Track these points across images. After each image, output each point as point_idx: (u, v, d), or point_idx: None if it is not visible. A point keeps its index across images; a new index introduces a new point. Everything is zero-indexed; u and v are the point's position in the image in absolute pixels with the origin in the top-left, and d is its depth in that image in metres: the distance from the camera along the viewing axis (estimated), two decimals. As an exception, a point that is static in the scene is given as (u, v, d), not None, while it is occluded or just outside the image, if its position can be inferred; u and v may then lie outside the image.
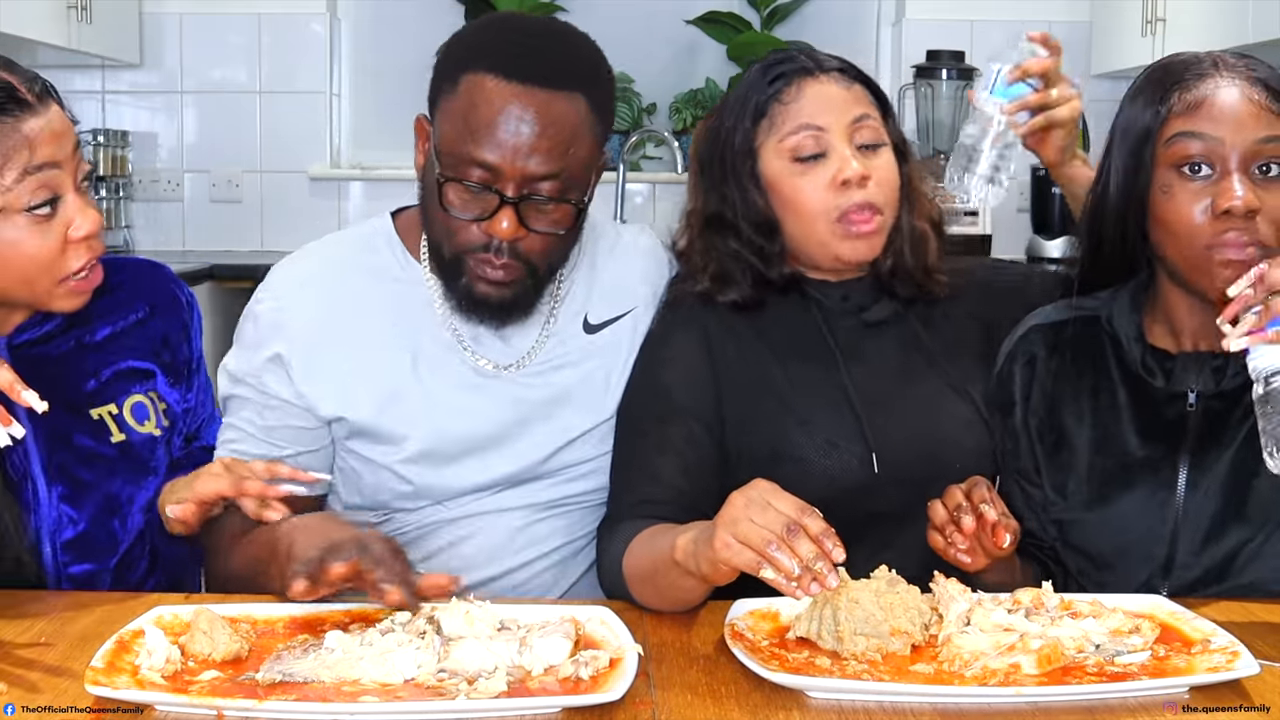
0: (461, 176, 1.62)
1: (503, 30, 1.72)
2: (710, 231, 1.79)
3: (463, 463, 1.75)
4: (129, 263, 1.84)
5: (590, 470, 1.80)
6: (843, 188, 1.69)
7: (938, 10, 4.51)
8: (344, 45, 4.64)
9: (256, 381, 1.74)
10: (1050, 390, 1.73)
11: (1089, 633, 1.40)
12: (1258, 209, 1.54)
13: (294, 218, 4.47)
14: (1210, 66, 1.59)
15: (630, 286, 1.85)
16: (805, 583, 1.33)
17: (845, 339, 1.78)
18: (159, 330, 1.79)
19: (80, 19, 3.89)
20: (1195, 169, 1.56)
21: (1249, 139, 1.54)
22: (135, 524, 1.72)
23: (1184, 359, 1.66)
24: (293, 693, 1.27)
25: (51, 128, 1.57)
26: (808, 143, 1.70)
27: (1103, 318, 1.72)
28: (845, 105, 1.72)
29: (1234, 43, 3.47)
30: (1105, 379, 1.71)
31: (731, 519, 1.36)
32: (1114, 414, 1.69)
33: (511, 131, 1.60)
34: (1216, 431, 1.64)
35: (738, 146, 1.74)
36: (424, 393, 1.74)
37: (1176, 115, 1.58)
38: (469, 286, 1.69)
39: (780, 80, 1.73)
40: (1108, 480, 1.68)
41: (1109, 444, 1.69)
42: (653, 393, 1.75)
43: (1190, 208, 1.57)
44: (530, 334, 1.79)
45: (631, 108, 4.53)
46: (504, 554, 1.78)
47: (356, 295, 1.76)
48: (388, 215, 1.84)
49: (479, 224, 1.64)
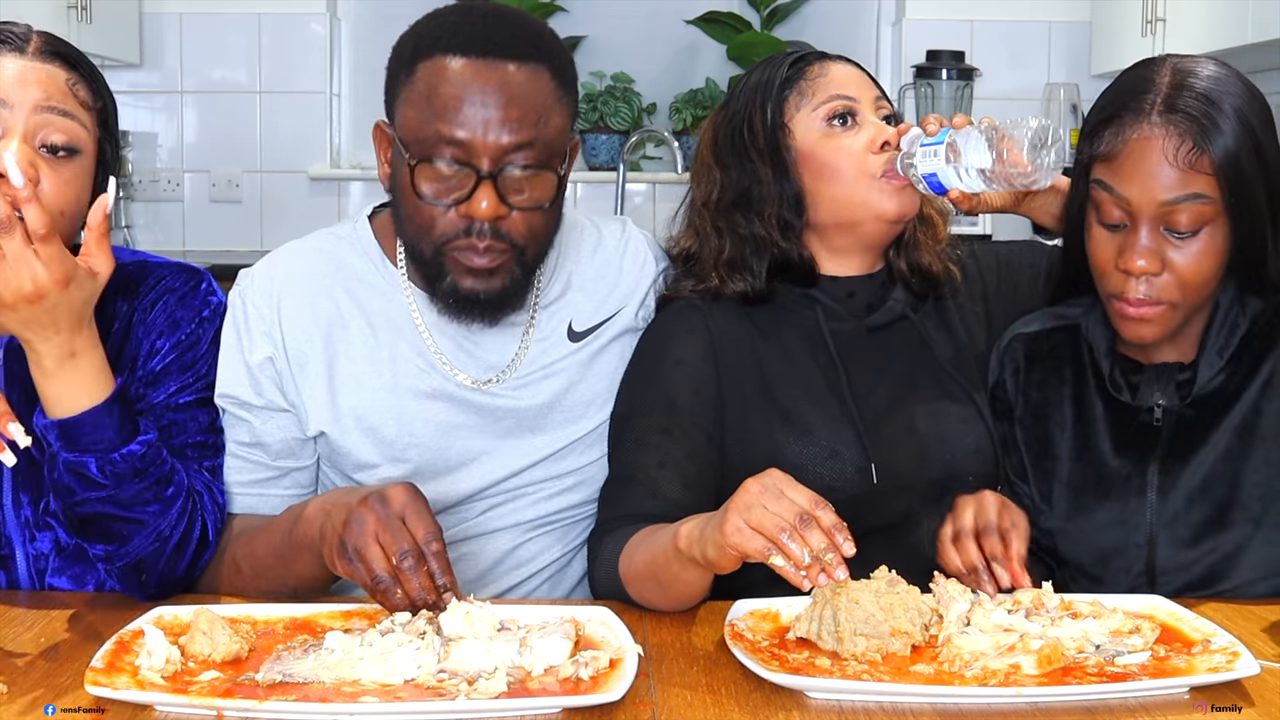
0: (433, 156, 1.57)
1: (451, 15, 1.66)
2: (731, 213, 1.77)
3: (445, 479, 1.72)
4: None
5: (577, 483, 1.77)
6: (882, 150, 1.72)
7: (938, 10, 4.51)
8: (344, 45, 4.64)
9: (250, 388, 1.70)
10: (1035, 399, 1.75)
11: (1089, 633, 1.40)
12: (1156, 272, 1.55)
13: (294, 218, 4.46)
14: (1150, 103, 1.55)
15: (616, 288, 1.82)
16: (814, 573, 1.34)
17: (848, 344, 1.77)
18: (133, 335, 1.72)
19: (80, 19, 3.88)
20: (1109, 219, 1.58)
21: (1160, 199, 1.54)
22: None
23: (1150, 372, 1.67)
24: (293, 693, 1.27)
25: (25, 74, 1.53)
26: (843, 107, 1.74)
27: (1082, 327, 1.74)
28: (866, 83, 1.78)
29: (1234, 43, 3.47)
30: (1083, 389, 1.73)
31: (745, 504, 1.37)
32: (1091, 424, 1.71)
33: (478, 104, 1.55)
34: (1185, 442, 1.65)
35: (767, 122, 1.76)
36: (400, 412, 1.70)
37: (1100, 160, 1.58)
38: (454, 285, 1.62)
39: (801, 62, 1.78)
40: (1084, 490, 1.70)
41: (1086, 454, 1.70)
42: (655, 402, 1.72)
43: (1102, 252, 1.60)
44: (510, 344, 1.75)
45: (631, 108, 4.52)
46: (496, 575, 1.76)
47: (337, 303, 1.73)
48: (365, 217, 1.79)
49: (457, 208, 1.58)
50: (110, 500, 1.52)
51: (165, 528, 1.56)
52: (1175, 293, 1.57)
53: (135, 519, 1.54)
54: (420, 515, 1.43)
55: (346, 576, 1.45)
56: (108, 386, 1.51)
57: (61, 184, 1.54)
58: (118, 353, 1.66)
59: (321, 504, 1.54)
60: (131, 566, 1.56)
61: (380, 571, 1.40)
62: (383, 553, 1.41)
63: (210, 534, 1.62)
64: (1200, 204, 1.53)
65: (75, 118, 1.57)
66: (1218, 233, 1.55)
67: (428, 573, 1.41)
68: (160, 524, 1.55)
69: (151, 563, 1.57)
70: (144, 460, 1.52)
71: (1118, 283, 1.59)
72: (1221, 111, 1.53)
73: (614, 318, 1.80)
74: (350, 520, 1.43)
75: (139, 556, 1.55)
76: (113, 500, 1.52)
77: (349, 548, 1.42)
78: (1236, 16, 3.51)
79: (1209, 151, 1.52)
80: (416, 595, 1.40)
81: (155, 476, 1.54)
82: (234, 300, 1.73)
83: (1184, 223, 1.54)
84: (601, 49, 4.51)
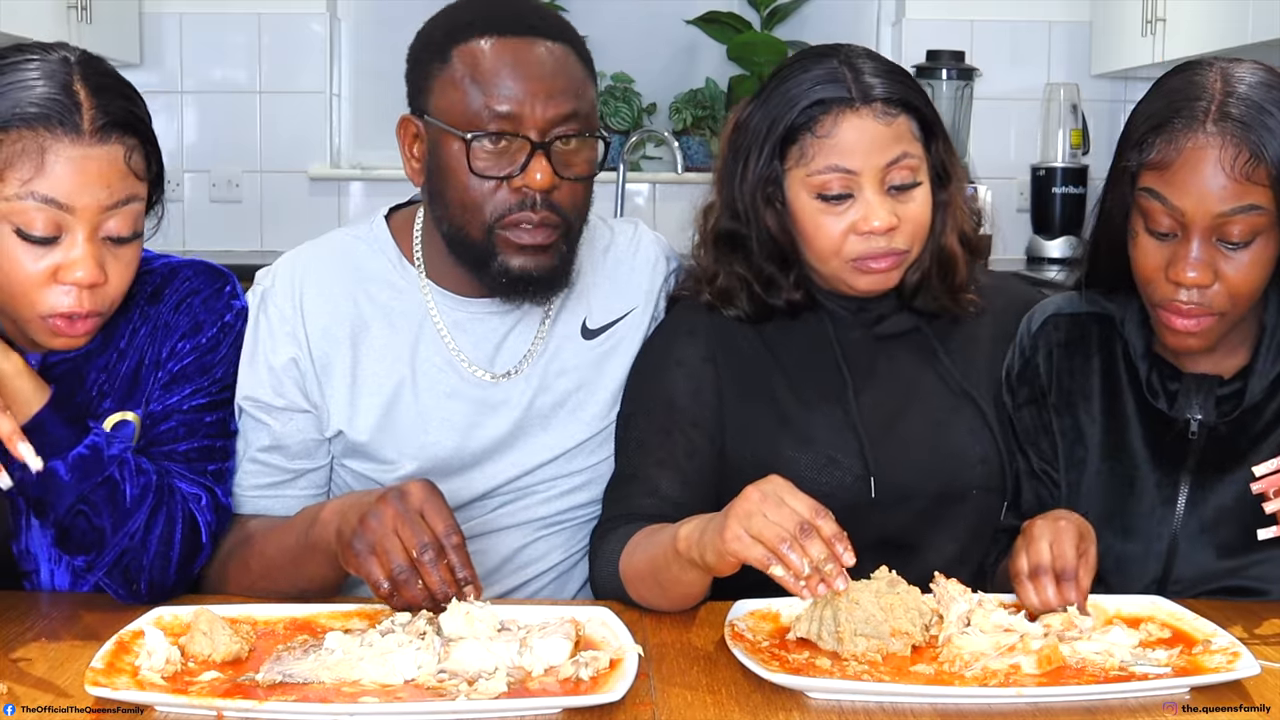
0: (484, 132, 1.59)
1: (474, 3, 1.69)
2: (722, 247, 1.75)
3: (460, 476, 1.73)
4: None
5: (586, 481, 1.77)
6: (865, 235, 1.64)
7: (938, 10, 4.51)
8: (344, 45, 4.64)
9: (272, 390, 1.70)
10: (1067, 385, 1.71)
11: (1112, 647, 1.38)
12: (1208, 285, 1.52)
13: (294, 218, 4.46)
14: (1204, 111, 1.51)
15: (628, 287, 1.83)
16: (813, 584, 1.34)
17: (856, 352, 1.74)
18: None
19: (80, 19, 3.88)
20: (1159, 227, 1.54)
21: (1214, 211, 1.50)
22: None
23: (1189, 383, 1.64)
24: (293, 693, 1.27)
25: (85, 167, 1.47)
26: (835, 184, 1.63)
27: (1117, 320, 1.70)
28: (882, 145, 1.63)
29: (1234, 43, 3.46)
30: (1116, 384, 1.69)
31: (745, 512, 1.36)
32: (1123, 421, 1.68)
33: (523, 78, 1.59)
34: (1219, 458, 1.62)
35: (762, 170, 1.68)
36: (419, 410, 1.71)
37: (1151, 168, 1.54)
38: (505, 265, 1.64)
39: (818, 108, 1.63)
40: (1114, 491, 1.67)
41: (1119, 452, 1.67)
42: (656, 401, 1.72)
43: (1150, 261, 1.56)
44: (526, 341, 1.76)
45: (631, 108, 4.52)
46: (504, 573, 1.76)
47: (357, 303, 1.73)
48: (381, 217, 1.80)
49: (509, 183, 1.61)
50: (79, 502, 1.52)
51: (136, 528, 1.55)
52: (1225, 303, 1.54)
53: (99, 524, 1.53)
54: (439, 510, 1.44)
55: (361, 574, 1.45)
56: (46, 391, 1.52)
57: (123, 268, 1.55)
58: (142, 357, 1.65)
59: (338, 505, 1.54)
60: (116, 570, 1.55)
61: (400, 562, 1.41)
62: (402, 546, 1.41)
63: (204, 536, 1.61)
64: (1255, 215, 1.50)
65: (136, 199, 1.54)
66: (1270, 242, 1.52)
67: (448, 566, 1.41)
68: (129, 524, 1.54)
69: (135, 566, 1.55)
70: (90, 461, 1.52)
71: (1167, 292, 1.55)
72: (1275, 118, 1.50)
73: (626, 317, 1.81)
74: (369, 515, 1.44)
75: (115, 557, 1.54)
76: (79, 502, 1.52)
77: (367, 542, 1.43)
78: (1236, 16, 3.51)
79: (1266, 161, 1.48)
80: (437, 588, 1.41)
81: (102, 478, 1.53)
82: (254, 301, 1.73)
83: (1237, 234, 1.51)
84: (601, 49, 4.48)
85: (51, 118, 1.46)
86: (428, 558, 1.41)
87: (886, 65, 1.69)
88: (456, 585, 1.41)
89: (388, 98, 4.86)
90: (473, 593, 1.41)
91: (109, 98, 1.51)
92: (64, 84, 1.49)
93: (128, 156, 1.52)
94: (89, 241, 1.49)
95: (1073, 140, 4.35)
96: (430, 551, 1.41)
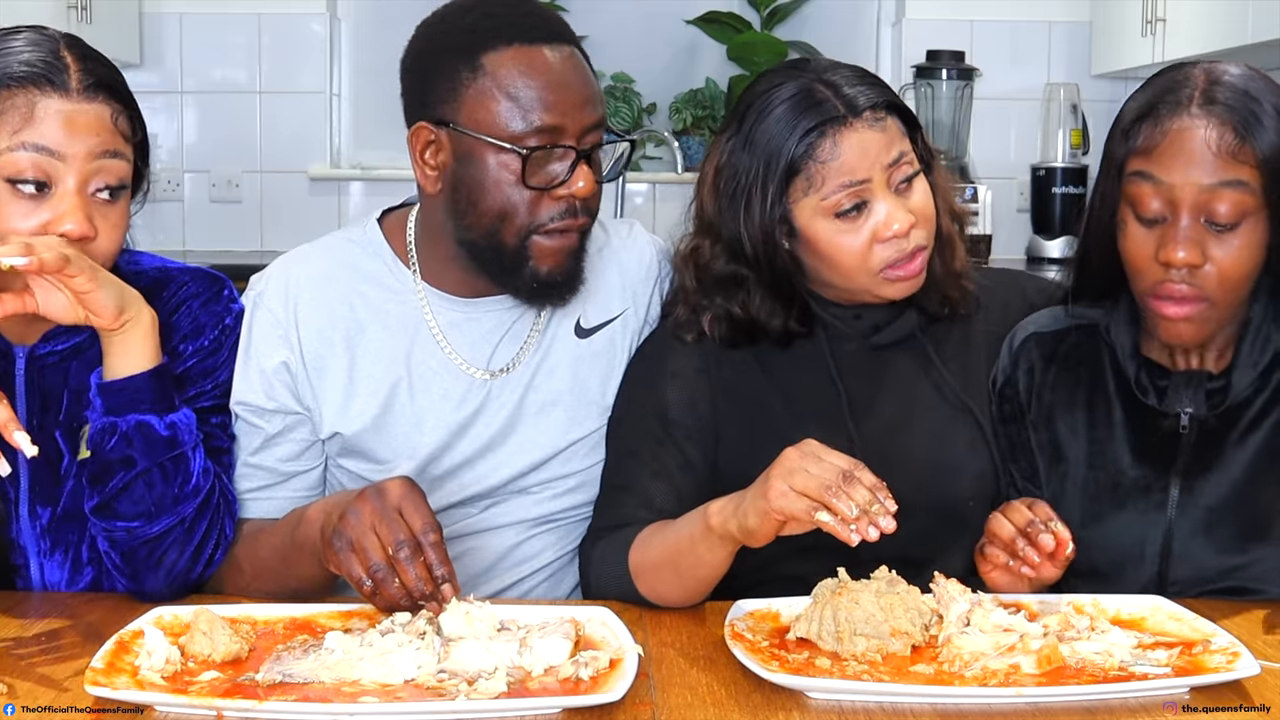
0: (535, 145, 1.59)
1: (491, 6, 1.67)
2: (717, 290, 1.71)
3: (454, 476, 1.73)
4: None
5: (580, 483, 1.78)
6: (888, 241, 1.63)
7: (938, 10, 4.50)
8: (344, 45, 4.63)
9: (264, 393, 1.70)
10: (1048, 401, 1.72)
11: (1112, 647, 1.38)
12: (1199, 265, 1.52)
13: (294, 218, 4.46)
14: (1188, 97, 1.53)
15: (621, 288, 1.83)
16: (863, 526, 1.37)
17: (851, 365, 1.74)
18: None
19: (80, 19, 3.88)
20: (1147, 213, 1.54)
21: (1202, 183, 1.51)
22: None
23: (1178, 378, 1.64)
24: (293, 693, 1.27)
25: (74, 119, 1.51)
26: (850, 199, 1.62)
27: (1101, 327, 1.71)
28: (881, 150, 1.63)
29: (1234, 43, 3.46)
30: (1101, 393, 1.70)
31: (788, 470, 1.40)
32: (1108, 430, 1.68)
33: (561, 86, 1.61)
34: (1210, 453, 1.62)
35: (770, 210, 1.65)
36: (415, 410, 1.72)
37: (1138, 154, 1.55)
38: (535, 272, 1.65)
39: (814, 134, 1.62)
40: (1099, 498, 1.67)
41: (1101, 460, 1.68)
42: (649, 412, 1.72)
43: (1140, 249, 1.56)
44: (521, 340, 1.76)
45: (631, 108, 4.52)
46: (498, 572, 1.76)
47: (353, 306, 1.73)
48: (374, 220, 1.80)
49: (550, 192, 1.62)
50: (146, 474, 1.54)
51: (189, 511, 1.56)
52: (1215, 287, 1.53)
53: (161, 498, 1.55)
54: (417, 507, 1.44)
55: (342, 572, 1.46)
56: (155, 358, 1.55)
57: (111, 228, 1.56)
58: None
59: (323, 505, 1.55)
60: (146, 549, 1.55)
61: (376, 560, 1.41)
62: (379, 543, 1.42)
63: (224, 543, 1.62)
64: (1241, 192, 1.50)
65: (123, 155, 1.56)
66: (1258, 228, 1.53)
67: (425, 564, 1.41)
68: (184, 507, 1.56)
69: (171, 549, 1.56)
70: (183, 429, 1.56)
71: (1157, 274, 1.55)
72: (1261, 107, 1.52)
73: (619, 318, 1.81)
74: (347, 513, 1.44)
75: (161, 531, 1.55)
76: (148, 473, 1.54)
77: (346, 539, 1.43)
78: (1236, 16, 3.51)
79: (1249, 142, 1.50)
80: (413, 585, 1.41)
81: (181, 450, 1.56)
82: (247, 306, 1.74)
83: (1224, 213, 1.51)
84: (601, 49, 4.50)
85: (40, 77, 1.51)
86: (404, 555, 1.41)
87: (858, 71, 1.69)
88: (434, 583, 1.41)
89: (388, 98, 4.82)
90: (450, 591, 1.41)
91: (94, 64, 1.56)
92: (51, 50, 1.54)
93: (114, 117, 1.55)
94: (78, 194, 1.52)
95: (1073, 140, 4.34)
96: (406, 549, 1.41)
